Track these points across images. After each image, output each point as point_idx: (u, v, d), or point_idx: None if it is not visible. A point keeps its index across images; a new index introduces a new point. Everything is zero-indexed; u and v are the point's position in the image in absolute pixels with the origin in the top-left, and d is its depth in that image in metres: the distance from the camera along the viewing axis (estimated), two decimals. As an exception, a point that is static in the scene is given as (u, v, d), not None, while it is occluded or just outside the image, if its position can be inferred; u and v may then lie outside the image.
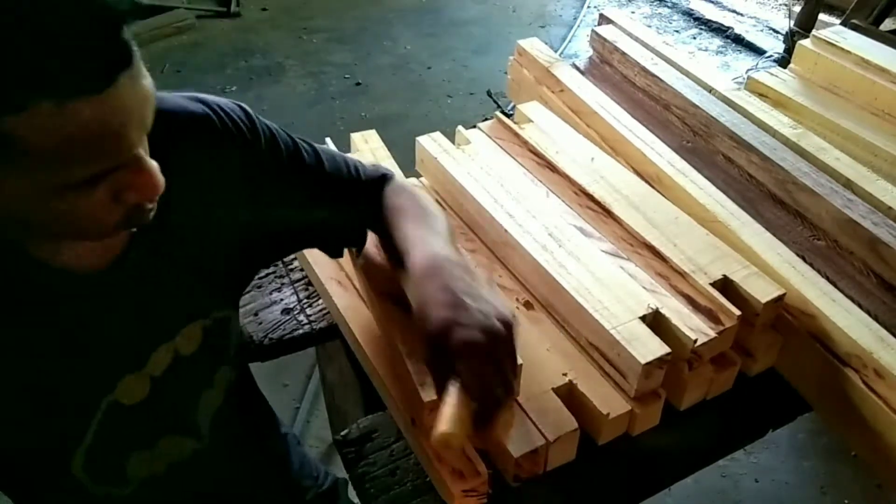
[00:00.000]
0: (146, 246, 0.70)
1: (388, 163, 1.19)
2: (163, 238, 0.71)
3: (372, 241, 0.94)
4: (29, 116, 0.50)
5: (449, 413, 0.68)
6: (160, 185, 0.60)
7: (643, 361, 0.86)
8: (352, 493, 1.13)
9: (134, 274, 0.70)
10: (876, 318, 0.98)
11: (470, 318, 0.68)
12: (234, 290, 0.86)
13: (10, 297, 0.64)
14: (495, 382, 0.69)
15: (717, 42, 3.96)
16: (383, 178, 0.90)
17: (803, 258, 1.06)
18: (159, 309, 0.73)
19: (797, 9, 2.99)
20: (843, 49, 1.40)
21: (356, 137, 1.27)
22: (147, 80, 0.56)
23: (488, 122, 1.31)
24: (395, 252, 0.82)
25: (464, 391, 0.69)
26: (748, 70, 1.99)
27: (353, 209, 0.88)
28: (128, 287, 0.70)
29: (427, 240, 0.79)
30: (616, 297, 0.94)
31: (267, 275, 1.16)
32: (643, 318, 0.92)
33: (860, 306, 0.99)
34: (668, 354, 0.88)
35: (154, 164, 0.60)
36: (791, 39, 2.77)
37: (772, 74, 1.43)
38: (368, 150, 1.24)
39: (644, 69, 1.41)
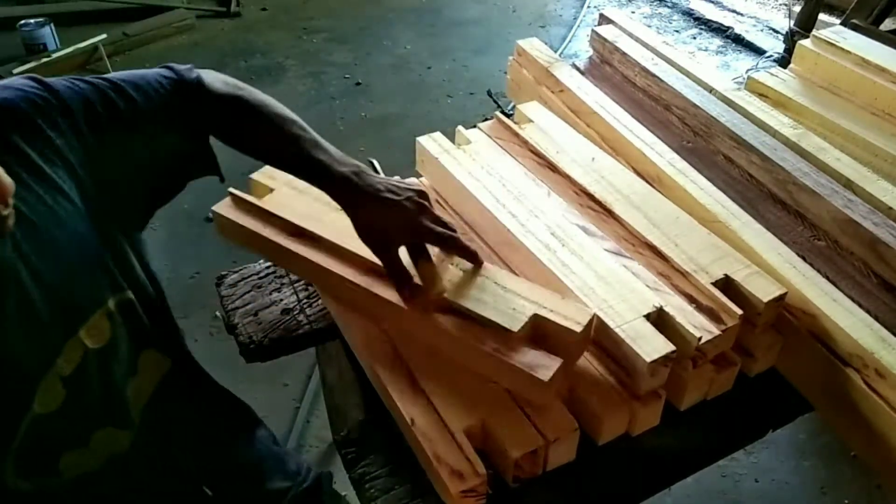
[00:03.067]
0: (9, 248, 0.68)
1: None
2: (22, 236, 0.69)
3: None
4: None
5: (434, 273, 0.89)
6: (8, 187, 0.59)
7: (649, 360, 0.86)
8: (341, 487, 1.11)
9: (7, 278, 0.67)
10: (877, 319, 0.98)
11: (399, 206, 0.86)
12: (122, 269, 0.81)
13: None
14: (442, 225, 0.89)
15: (717, 42, 3.96)
16: (199, 83, 0.90)
17: (804, 258, 1.05)
18: (48, 308, 0.71)
19: (797, 9, 2.99)
20: (843, 49, 1.40)
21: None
22: None
23: (488, 122, 1.31)
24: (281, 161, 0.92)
25: (426, 255, 0.89)
26: (748, 70, 2.00)
27: (188, 131, 0.88)
28: (6, 291, 0.67)
29: (316, 159, 0.88)
30: (620, 295, 0.94)
31: (267, 275, 1.16)
32: (647, 317, 0.92)
33: (861, 306, 0.99)
34: (673, 352, 0.88)
35: None
36: (791, 39, 2.77)
37: (772, 74, 1.43)
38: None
39: (644, 69, 1.40)
